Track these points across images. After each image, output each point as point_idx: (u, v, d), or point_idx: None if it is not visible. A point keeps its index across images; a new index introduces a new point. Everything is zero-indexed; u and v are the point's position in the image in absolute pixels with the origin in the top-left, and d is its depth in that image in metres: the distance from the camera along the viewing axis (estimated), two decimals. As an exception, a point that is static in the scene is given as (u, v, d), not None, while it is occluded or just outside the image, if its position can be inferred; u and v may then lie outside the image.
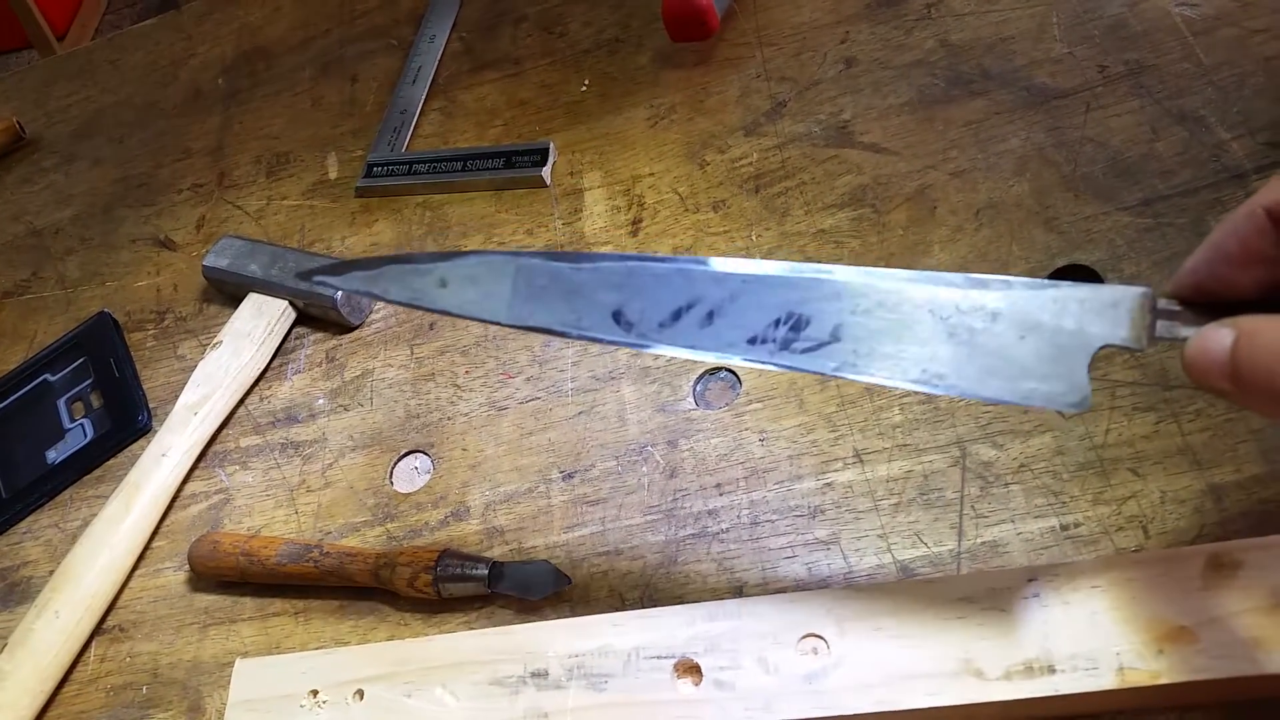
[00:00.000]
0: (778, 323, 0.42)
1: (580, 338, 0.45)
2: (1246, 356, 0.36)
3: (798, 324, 0.42)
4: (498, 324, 0.46)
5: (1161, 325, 0.40)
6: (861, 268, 0.43)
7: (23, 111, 1.05)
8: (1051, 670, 0.44)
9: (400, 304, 0.47)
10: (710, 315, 0.43)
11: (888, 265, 0.61)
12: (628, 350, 0.64)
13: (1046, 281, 0.41)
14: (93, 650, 0.64)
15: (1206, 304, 0.40)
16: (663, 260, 0.44)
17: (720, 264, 0.44)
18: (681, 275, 0.44)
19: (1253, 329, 0.36)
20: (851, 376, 0.42)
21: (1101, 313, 0.40)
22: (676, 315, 0.43)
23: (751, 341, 0.43)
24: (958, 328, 0.41)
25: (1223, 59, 0.61)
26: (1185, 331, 0.39)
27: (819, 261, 0.63)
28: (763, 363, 0.43)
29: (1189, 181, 0.58)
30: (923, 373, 0.41)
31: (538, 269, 0.45)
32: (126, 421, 0.75)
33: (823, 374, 0.42)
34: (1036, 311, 0.41)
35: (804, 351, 0.42)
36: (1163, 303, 0.40)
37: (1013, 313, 0.41)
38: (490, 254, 0.46)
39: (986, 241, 0.60)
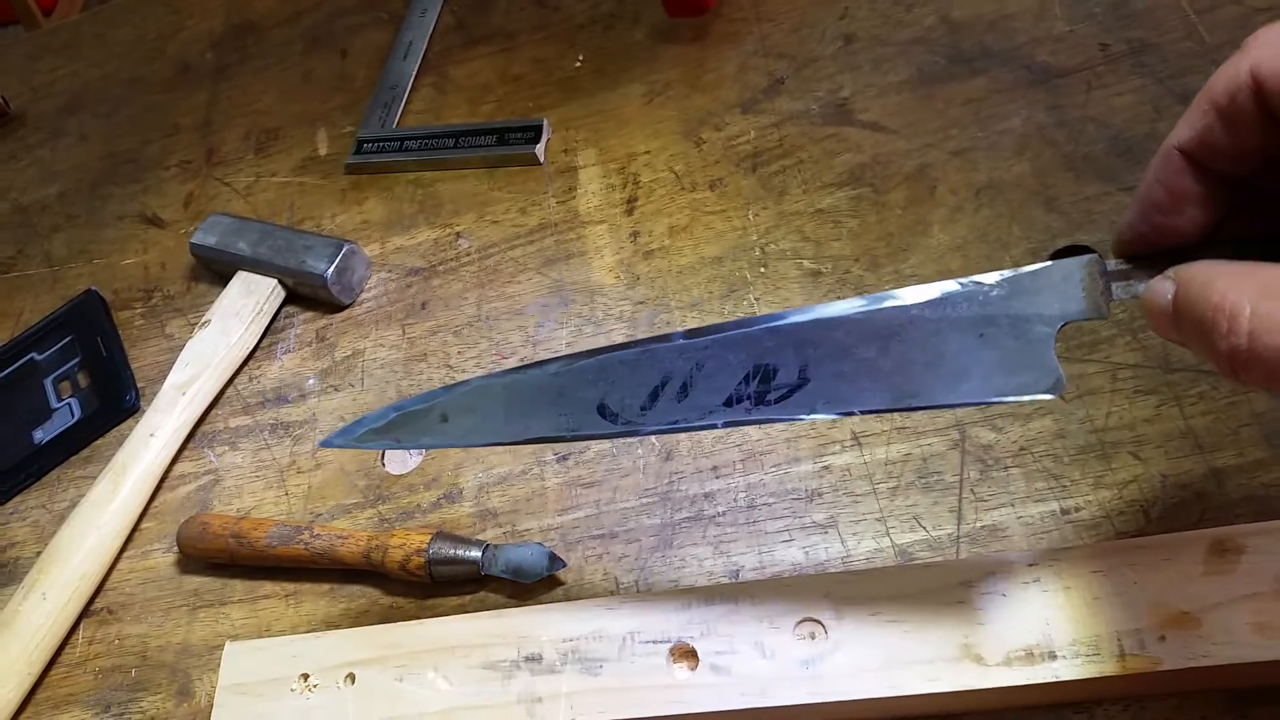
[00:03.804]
0: (747, 378, 0.43)
1: (577, 438, 0.46)
2: (1182, 306, 0.35)
3: (766, 375, 0.43)
4: (503, 444, 0.47)
5: (1117, 288, 0.39)
6: (809, 307, 0.43)
7: (7, 86, 1.03)
8: (1052, 656, 0.44)
9: (416, 446, 0.49)
10: (684, 388, 0.44)
11: (887, 245, 0.60)
12: (623, 334, 0.64)
13: (993, 275, 0.41)
14: (80, 632, 0.63)
15: (1156, 255, 0.39)
16: (630, 345, 0.45)
17: (682, 335, 0.44)
18: (648, 356, 0.45)
19: (1186, 278, 0.35)
20: (828, 414, 0.42)
21: (1053, 290, 0.40)
22: (654, 396, 0.44)
23: (728, 403, 0.43)
24: (916, 345, 0.41)
25: (1226, 38, 0.60)
26: (1141, 288, 0.39)
27: (817, 241, 0.62)
28: (743, 421, 0.43)
29: (1192, 162, 0.57)
30: (894, 393, 0.41)
31: (522, 383, 0.47)
32: (114, 401, 0.73)
33: (801, 419, 0.43)
34: (987, 306, 0.40)
35: (778, 401, 0.43)
36: (1112, 264, 0.40)
37: (964, 315, 0.41)
38: (479, 380, 0.48)
39: (986, 221, 0.59)
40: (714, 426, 0.44)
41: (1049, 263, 0.40)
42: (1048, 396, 0.40)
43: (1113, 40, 0.63)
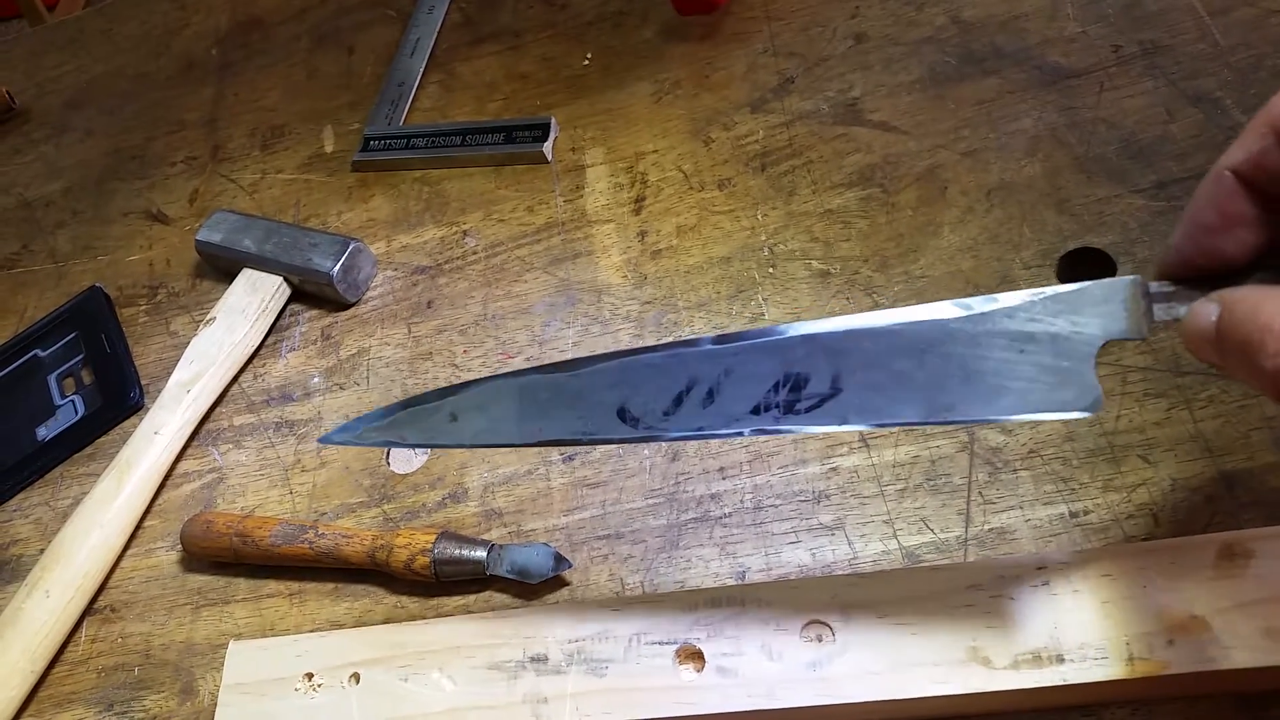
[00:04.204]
0: (777, 386, 0.42)
1: (593, 442, 0.45)
2: (1227, 328, 0.35)
3: (797, 384, 0.42)
4: (514, 446, 0.46)
5: (1159, 309, 0.39)
6: (843, 317, 0.42)
7: (13, 81, 1.03)
8: (1060, 659, 0.43)
9: (422, 446, 0.48)
10: (710, 393, 0.43)
11: (897, 245, 0.60)
12: (630, 334, 0.63)
13: (1034, 291, 0.40)
14: (84, 630, 0.63)
15: (1200, 279, 0.39)
16: (655, 349, 0.44)
17: (710, 341, 0.44)
18: (675, 360, 0.44)
19: (1232, 300, 0.36)
20: (861, 425, 0.42)
21: (1096, 310, 0.40)
22: (678, 401, 0.43)
23: (755, 411, 0.42)
24: (957, 352, 0.41)
25: (1239, 40, 0.60)
26: (1183, 310, 0.39)
27: (827, 241, 0.62)
28: (772, 430, 0.43)
29: (1204, 165, 0.57)
30: (931, 406, 0.41)
31: (538, 384, 0.46)
32: (118, 398, 0.73)
33: (833, 429, 0.42)
34: (1030, 323, 0.40)
35: (809, 410, 0.42)
36: (1155, 286, 0.40)
37: (1007, 329, 0.40)
38: (492, 379, 0.47)
39: (998, 223, 0.59)
40: (740, 434, 0.43)
41: (1091, 282, 0.40)
42: (1086, 414, 0.39)
43: (1125, 42, 0.63)
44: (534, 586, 0.55)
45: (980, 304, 0.41)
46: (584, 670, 0.49)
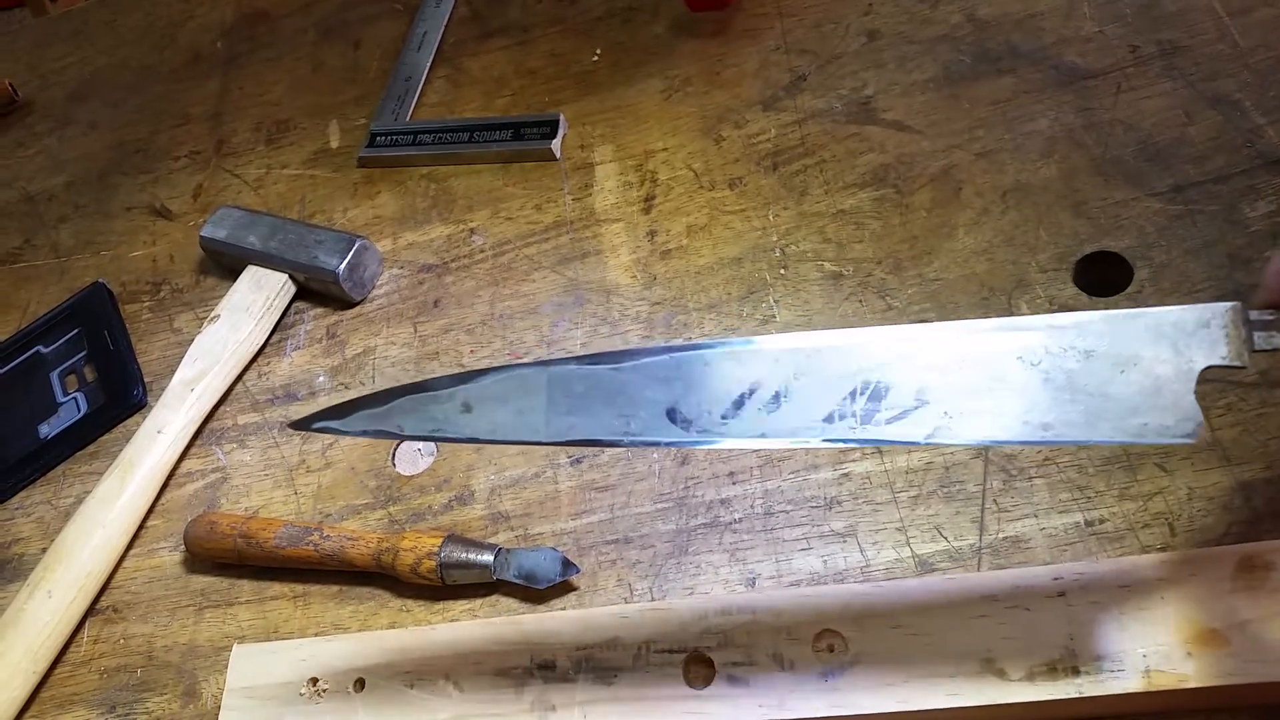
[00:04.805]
0: (853, 395, 0.39)
1: (634, 444, 0.41)
2: None
3: (876, 393, 0.39)
4: (538, 444, 0.42)
5: (1259, 337, 0.38)
6: (927, 324, 0.40)
7: (15, 73, 1.02)
8: (1076, 672, 0.43)
9: (420, 439, 0.42)
10: (776, 398, 0.40)
11: (911, 247, 0.59)
12: (640, 335, 0.63)
13: (1130, 311, 0.39)
14: (86, 631, 0.63)
15: None
16: (710, 345, 0.41)
17: (772, 342, 0.40)
18: (735, 359, 0.40)
19: None
20: (949, 441, 0.39)
21: (1195, 334, 0.38)
22: (739, 403, 0.40)
23: (829, 419, 0.39)
24: (1052, 371, 0.39)
25: (1259, 41, 0.59)
26: None
27: (839, 243, 0.61)
28: (846, 441, 0.39)
29: (1222, 168, 0.56)
30: (1026, 425, 0.38)
31: (573, 375, 0.41)
32: (121, 396, 0.73)
33: (916, 444, 0.39)
34: (1130, 343, 0.38)
35: (890, 422, 0.39)
36: (1254, 314, 0.39)
37: (1106, 348, 0.39)
38: (515, 367, 0.42)
39: (1013, 225, 0.58)
40: (808, 444, 0.39)
41: (1189, 305, 0.39)
42: (1188, 442, 0.38)
43: (1143, 42, 0.62)
44: (541, 591, 0.54)
45: (1073, 319, 0.39)
46: (592, 679, 0.48)
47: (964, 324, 0.40)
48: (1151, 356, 0.38)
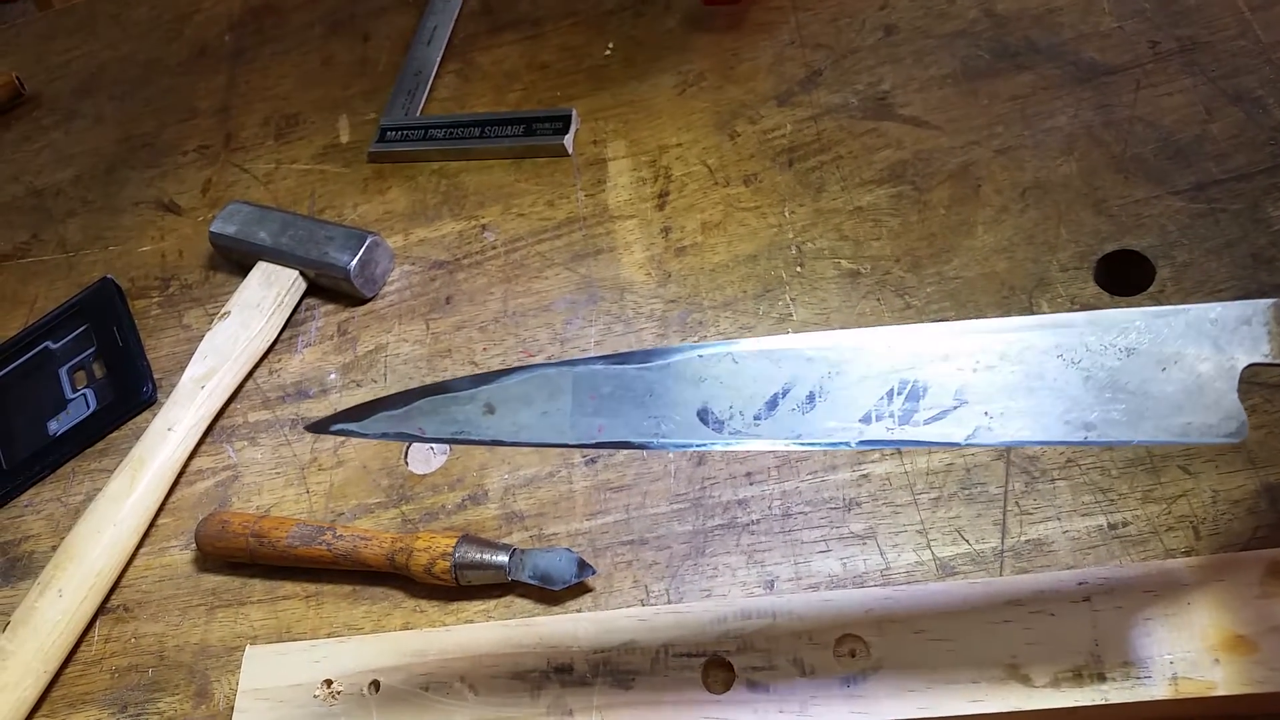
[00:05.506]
0: (890, 395, 0.38)
1: (664, 447, 0.40)
2: None
3: (914, 392, 0.38)
4: (564, 446, 0.40)
5: None
6: (963, 322, 0.39)
7: (22, 66, 1.01)
8: (1102, 678, 0.42)
9: (442, 441, 0.41)
10: (811, 398, 0.39)
11: (929, 245, 0.59)
12: (654, 334, 0.62)
13: (1170, 308, 0.38)
14: (97, 630, 0.62)
15: None
16: (741, 344, 0.40)
17: (803, 340, 0.39)
18: (768, 359, 0.39)
19: None
20: (989, 442, 0.38)
21: (1237, 331, 0.37)
22: (773, 404, 0.39)
23: (865, 420, 0.38)
24: (1093, 369, 0.38)
25: (1282, 36, 0.58)
26: None
27: (856, 240, 0.61)
28: (884, 442, 0.38)
29: (1244, 166, 0.55)
30: (1068, 425, 0.37)
31: (599, 375, 0.40)
32: (130, 393, 0.72)
33: (957, 445, 0.38)
34: (1171, 340, 0.38)
35: (928, 422, 0.38)
36: None
37: (1147, 345, 0.38)
38: (540, 367, 0.41)
39: (1033, 223, 0.57)
40: (845, 446, 0.39)
41: (1229, 303, 0.38)
42: (1233, 441, 0.37)
43: (1162, 37, 0.61)
44: (556, 593, 0.54)
45: (1114, 316, 0.38)
46: (610, 682, 0.48)
47: (1001, 321, 0.39)
48: (1193, 354, 0.37)
